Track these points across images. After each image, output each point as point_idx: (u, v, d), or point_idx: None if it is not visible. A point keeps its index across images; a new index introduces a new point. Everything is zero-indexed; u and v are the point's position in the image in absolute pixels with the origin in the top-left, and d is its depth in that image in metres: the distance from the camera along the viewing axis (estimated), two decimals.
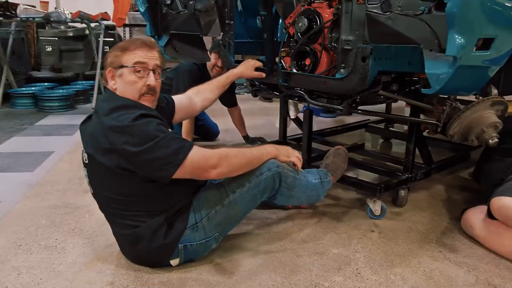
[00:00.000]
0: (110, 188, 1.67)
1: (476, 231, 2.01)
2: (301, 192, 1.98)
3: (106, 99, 1.71)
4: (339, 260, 1.85)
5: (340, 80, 1.94)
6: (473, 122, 2.04)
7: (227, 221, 1.80)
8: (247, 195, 1.79)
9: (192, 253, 1.76)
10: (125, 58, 1.68)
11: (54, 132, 4.05)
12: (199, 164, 1.60)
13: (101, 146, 1.59)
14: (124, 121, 1.55)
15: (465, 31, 1.51)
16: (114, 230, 1.80)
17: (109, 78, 1.71)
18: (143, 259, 1.77)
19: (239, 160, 1.73)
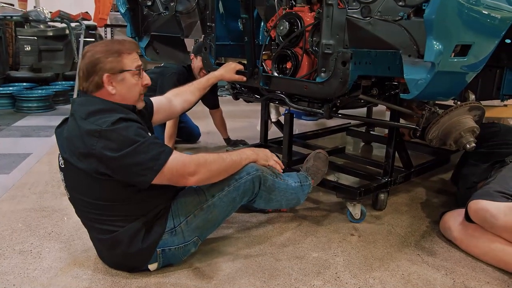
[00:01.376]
0: (87, 193, 1.64)
1: (454, 233, 2.03)
2: (281, 195, 1.98)
3: (83, 103, 1.63)
4: (318, 264, 1.85)
5: (321, 84, 1.94)
6: (451, 127, 2.07)
7: (206, 225, 1.79)
8: (226, 199, 1.79)
9: (170, 257, 1.75)
10: (125, 62, 1.67)
11: (32, 133, 3.99)
12: (177, 170, 1.59)
13: (78, 150, 1.56)
14: (103, 125, 1.52)
15: (443, 37, 1.53)
16: (91, 235, 1.77)
17: (106, 83, 1.63)
18: (121, 264, 1.75)
19: (218, 166, 1.72)
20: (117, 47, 1.67)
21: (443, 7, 1.48)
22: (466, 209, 1.93)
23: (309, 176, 2.20)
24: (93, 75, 1.63)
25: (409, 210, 2.45)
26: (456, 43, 1.61)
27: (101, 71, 1.63)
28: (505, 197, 1.88)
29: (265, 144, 3.06)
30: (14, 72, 5.89)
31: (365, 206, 2.29)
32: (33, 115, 4.79)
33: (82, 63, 1.65)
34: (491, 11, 1.69)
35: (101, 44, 1.69)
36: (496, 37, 1.76)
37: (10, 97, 5.06)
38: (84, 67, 1.64)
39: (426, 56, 1.54)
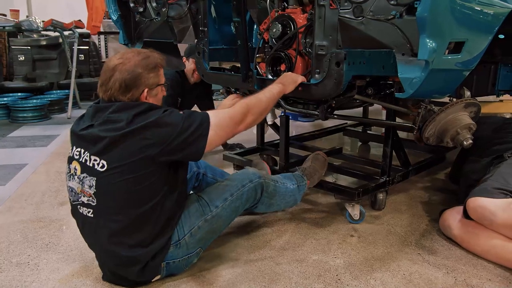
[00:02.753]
0: (123, 198, 1.58)
1: (454, 231, 2.02)
2: (281, 199, 2.04)
3: (122, 108, 1.60)
4: (319, 267, 1.84)
5: (315, 85, 1.94)
6: (447, 124, 2.06)
7: (209, 235, 1.80)
8: (229, 208, 1.81)
9: (173, 269, 1.74)
10: (160, 77, 1.73)
11: (28, 143, 3.97)
12: (227, 125, 1.68)
13: (133, 149, 1.55)
14: (152, 118, 1.57)
15: (436, 35, 1.52)
16: (107, 249, 1.64)
17: (142, 98, 1.66)
18: (125, 279, 1.69)
19: (259, 108, 1.80)
20: (155, 61, 1.70)
21: (435, 5, 1.48)
22: (465, 207, 1.92)
23: (305, 176, 2.22)
24: (133, 90, 1.64)
25: (408, 209, 2.44)
26: (450, 40, 1.61)
27: (142, 86, 1.65)
28: (503, 194, 1.87)
29: (262, 147, 3.05)
30: (8, 82, 5.87)
31: (364, 207, 2.28)
32: (28, 125, 4.77)
33: (118, 75, 1.61)
34: (484, 7, 1.69)
35: (135, 56, 1.67)
36: (489, 33, 1.76)
37: (5, 108, 5.04)
38: (123, 81, 1.61)
39: (419, 54, 1.53)
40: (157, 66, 1.71)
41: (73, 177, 1.64)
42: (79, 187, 1.63)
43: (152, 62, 1.69)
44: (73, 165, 1.65)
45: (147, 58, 1.69)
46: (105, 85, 1.64)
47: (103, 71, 1.67)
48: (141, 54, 1.69)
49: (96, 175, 1.58)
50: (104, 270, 1.75)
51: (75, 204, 1.66)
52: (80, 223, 1.70)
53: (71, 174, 1.66)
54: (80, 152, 1.63)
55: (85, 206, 1.63)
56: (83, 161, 1.61)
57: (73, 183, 1.65)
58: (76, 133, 1.67)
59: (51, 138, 4.15)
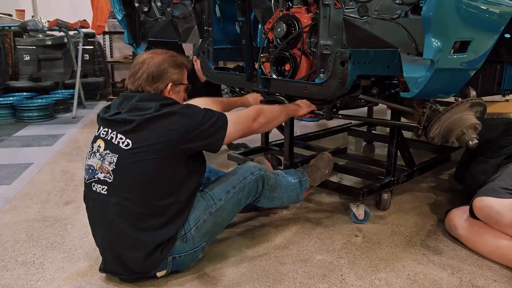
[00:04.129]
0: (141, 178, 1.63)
1: (460, 231, 2.01)
2: (282, 192, 2.07)
3: (149, 98, 1.73)
4: (323, 267, 1.84)
5: (320, 85, 1.93)
6: (453, 124, 2.04)
7: (214, 229, 1.83)
8: (232, 200, 1.85)
9: (179, 264, 1.75)
10: (184, 76, 1.86)
11: (33, 143, 3.98)
12: (243, 121, 1.83)
13: (158, 132, 1.63)
14: (177, 107, 1.70)
15: (442, 34, 1.52)
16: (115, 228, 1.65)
17: (166, 91, 1.78)
18: (128, 267, 1.67)
19: (271, 113, 1.97)
20: (181, 60, 1.85)
21: (441, 4, 1.47)
22: (471, 206, 1.91)
23: (306, 173, 2.24)
24: (159, 82, 1.77)
25: (413, 209, 2.43)
26: (455, 40, 1.60)
27: (167, 80, 1.78)
28: (510, 194, 1.86)
29: (266, 146, 3.05)
30: (14, 82, 5.89)
31: (368, 207, 2.28)
32: (33, 124, 4.78)
33: (146, 68, 1.76)
34: (490, 6, 1.68)
35: (164, 53, 1.82)
36: (495, 32, 1.75)
37: (11, 107, 5.05)
38: (150, 72, 1.75)
39: (425, 53, 1.52)
40: (183, 65, 1.85)
41: (95, 154, 1.71)
42: (98, 164, 1.68)
43: (179, 61, 1.84)
44: (97, 143, 1.72)
45: (174, 56, 1.84)
46: (133, 76, 1.77)
47: (133, 64, 1.81)
48: (169, 53, 1.84)
49: (119, 152, 1.65)
50: (106, 257, 1.72)
51: (89, 182, 1.70)
52: (91, 203, 1.73)
53: (93, 152, 1.72)
54: (107, 132, 1.71)
55: (99, 183, 1.67)
56: (108, 138, 1.69)
57: (93, 160, 1.71)
58: (103, 117, 1.76)
59: (56, 137, 4.16)
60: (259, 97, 2.44)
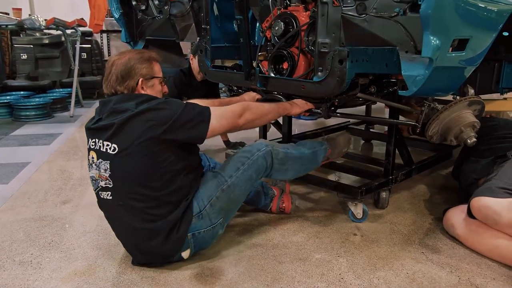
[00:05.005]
0: (137, 177, 1.70)
1: (458, 230, 2.01)
2: (296, 163, 2.10)
3: (124, 99, 1.76)
4: (321, 266, 1.84)
5: (318, 84, 1.93)
6: (451, 122, 2.05)
7: (229, 205, 1.90)
8: (243, 176, 1.91)
9: (201, 241, 1.83)
10: (155, 69, 1.88)
11: (31, 142, 3.97)
12: (226, 116, 1.82)
13: (139, 130, 1.67)
14: (154, 103, 1.72)
15: (440, 32, 1.51)
16: (128, 228, 1.76)
17: (139, 87, 1.82)
18: (155, 255, 1.79)
19: (259, 110, 1.97)
20: (148, 55, 1.87)
21: (440, 2, 1.47)
22: (469, 206, 1.91)
23: (326, 143, 2.27)
24: (128, 80, 1.80)
25: (412, 208, 2.43)
26: (454, 38, 1.59)
27: (136, 76, 1.81)
28: (508, 193, 1.86)
29: None
30: (11, 81, 5.87)
31: (367, 205, 2.27)
32: (31, 123, 4.77)
33: (114, 69, 1.80)
34: (488, 4, 1.68)
35: (131, 52, 1.87)
36: (493, 30, 1.74)
37: (8, 106, 5.03)
38: (118, 72, 1.79)
39: (423, 51, 1.52)
40: (150, 59, 1.87)
41: (92, 166, 1.78)
42: (97, 173, 1.76)
43: (146, 56, 1.86)
44: (90, 155, 1.79)
45: (141, 53, 1.88)
46: (106, 80, 1.83)
47: (105, 69, 1.87)
48: (136, 51, 1.89)
49: (109, 158, 1.72)
50: (132, 253, 1.84)
51: (97, 192, 1.79)
52: (104, 210, 1.84)
53: (90, 164, 1.80)
54: (95, 142, 1.77)
55: (104, 190, 1.76)
56: (97, 148, 1.75)
57: (92, 171, 1.78)
58: (88, 127, 1.82)
59: (54, 136, 4.15)
60: (256, 96, 2.43)
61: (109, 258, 1.90)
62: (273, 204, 2.30)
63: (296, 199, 2.37)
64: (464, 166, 2.45)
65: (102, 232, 2.14)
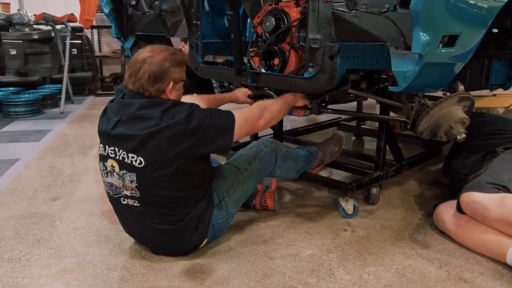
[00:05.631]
0: (165, 186, 1.72)
1: (447, 225, 2.03)
2: (294, 162, 2.21)
3: (149, 105, 1.72)
4: (312, 261, 1.84)
5: (309, 79, 1.93)
6: (441, 118, 2.06)
7: (241, 196, 2.00)
8: (255, 170, 2.02)
9: (217, 231, 1.93)
10: (184, 73, 1.86)
11: (20, 138, 3.94)
12: (247, 119, 1.85)
13: (166, 145, 1.67)
14: (181, 115, 1.68)
15: (430, 28, 1.52)
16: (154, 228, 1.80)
17: (167, 91, 1.78)
18: (181, 248, 1.87)
19: (274, 107, 1.99)
20: (181, 57, 1.84)
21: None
22: (458, 201, 1.92)
23: (317, 148, 2.40)
24: (160, 82, 1.75)
25: (402, 204, 2.44)
26: (443, 34, 1.60)
27: (169, 79, 1.77)
28: (496, 189, 1.87)
29: None
30: (0, 77, 5.80)
31: (357, 201, 2.28)
32: (20, 119, 4.73)
33: (147, 67, 1.73)
34: (478, 0, 1.68)
35: (163, 51, 1.79)
36: (483, 27, 1.75)
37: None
38: (151, 72, 1.73)
39: (413, 47, 1.52)
40: (183, 62, 1.85)
41: (112, 173, 1.76)
42: (120, 183, 1.75)
43: (179, 58, 1.82)
44: (108, 163, 1.76)
45: (174, 53, 1.82)
46: (134, 76, 1.74)
47: (131, 63, 1.78)
48: (169, 50, 1.82)
49: (135, 171, 1.71)
50: (158, 252, 1.89)
51: (117, 197, 1.80)
52: (123, 212, 1.86)
53: (108, 171, 1.78)
54: (114, 151, 1.74)
55: (129, 198, 1.77)
56: (120, 158, 1.72)
57: (112, 179, 1.77)
58: (106, 133, 1.77)
59: (44, 133, 4.12)
60: (248, 91, 2.43)
61: (99, 255, 1.89)
62: (256, 201, 2.31)
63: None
64: (454, 162, 2.47)
65: (92, 229, 2.13)
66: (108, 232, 2.10)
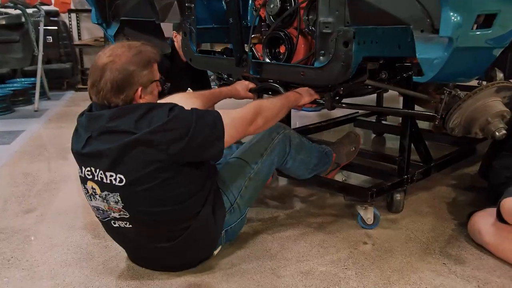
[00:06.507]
0: (156, 201, 1.73)
1: (485, 237, 2.01)
2: (307, 156, 2.24)
3: (119, 114, 1.68)
4: (327, 280, 1.83)
5: (320, 70, 1.92)
6: (476, 112, 2.04)
7: (254, 193, 2.06)
8: (266, 162, 2.06)
9: (231, 235, 2.01)
10: (154, 73, 1.81)
11: None
12: (238, 125, 1.83)
13: (146, 159, 1.65)
14: (158, 122, 1.64)
15: (462, 7, 1.50)
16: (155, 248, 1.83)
17: (136, 98, 1.73)
18: (191, 262, 1.92)
19: (271, 112, 1.97)
20: (148, 56, 1.77)
21: None
22: (498, 208, 1.91)
23: (329, 147, 2.43)
24: (126, 90, 1.70)
25: (431, 212, 2.43)
26: (478, 13, 1.58)
27: (136, 85, 1.72)
28: None
29: None
30: None
31: (378, 209, 2.28)
32: None
33: (109, 75, 1.67)
34: None
35: (125, 51, 1.73)
36: None
37: None
38: (114, 81, 1.67)
39: (441, 30, 1.51)
40: (151, 61, 1.78)
41: (94, 196, 1.77)
42: (105, 205, 1.76)
43: (145, 58, 1.75)
44: (88, 185, 1.77)
45: (139, 53, 1.75)
46: (95, 86, 1.70)
47: (92, 70, 1.73)
48: (132, 49, 1.74)
49: (117, 190, 1.70)
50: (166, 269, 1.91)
51: (107, 221, 1.81)
52: (118, 234, 1.89)
53: (90, 194, 1.79)
54: (91, 172, 1.74)
55: (119, 220, 1.78)
56: (98, 179, 1.72)
57: (97, 202, 1.78)
58: (78, 152, 1.77)
59: (15, 134, 4.13)
60: (250, 84, 2.42)
61: (80, 275, 1.89)
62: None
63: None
64: (494, 163, 2.44)
65: (72, 245, 2.13)
66: (91, 248, 2.10)
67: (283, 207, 2.50)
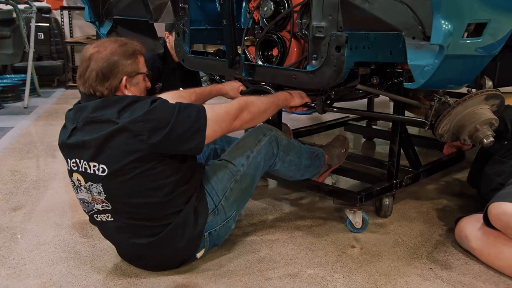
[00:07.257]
0: (136, 193, 1.75)
1: (472, 243, 2.03)
2: (297, 156, 2.22)
3: (104, 105, 1.74)
4: (314, 283, 1.84)
5: (312, 73, 1.93)
6: (465, 119, 2.05)
7: (241, 196, 2.03)
8: (253, 164, 2.04)
9: (215, 238, 1.97)
10: (140, 64, 1.87)
11: None
12: (222, 120, 1.83)
13: (127, 148, 1.68)
14: (139, 112, 1.68)
15: (453, 15, 1.51)
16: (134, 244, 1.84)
17: (121, 87, 1.80)
18: (171, 261, 1.90)
19: (257, 107, 1.98)
20: (133, 48, 1.84)
21: None
22: (486, 213, 1.92)
23: (321, 149, 2.43)
24: (111, 79, 1.77)
25: (419, 217, 2.45)
26: (469, 21, 1.59)
27: (120, 74, 1.78)
28: None
29: None
30: None
31: (367, 213, 2.29)
32: None
33: (94, 65, 1.75)
34: None
35: (111, 43, 1.81)
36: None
37: None
38: (99, 69, 1.74)
39: (432, 38, 1.52)
40: (135, 52, 1.85)
41: (80, 188, 1.81)
42: (89, 197, 1.80)
43: (130, 49, 1.83)
44: (74, 177, 1.81)
45: (124, 45, 1.83)
46: (82, 76, 1.78)
47: (80, 62, 1.82)
48: (117, 42, 1.83)
49: (100, 180, 1.74)
50: (147, 266, 1.93)
51: (91, 214, 1.85)
52: (102, 229, 1.92)
53: (76, 187, 1.83)
54: (76, 163, 1.78)
55: (102, 213, 1.81)
56: (83, 170, 1.76)
57: (82, 194, 1.82)
58: (64, 144, 1.81)
59: (4, 131, 4.11)
60: (240, 86, 2.43)
61: (67, 274, 1.88)
62: None
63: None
64: (487, 169, 2.43)
65: (59, 244, 2.12)
66: (79, 247, 2.09)
67: (272, 209, 2.51)
